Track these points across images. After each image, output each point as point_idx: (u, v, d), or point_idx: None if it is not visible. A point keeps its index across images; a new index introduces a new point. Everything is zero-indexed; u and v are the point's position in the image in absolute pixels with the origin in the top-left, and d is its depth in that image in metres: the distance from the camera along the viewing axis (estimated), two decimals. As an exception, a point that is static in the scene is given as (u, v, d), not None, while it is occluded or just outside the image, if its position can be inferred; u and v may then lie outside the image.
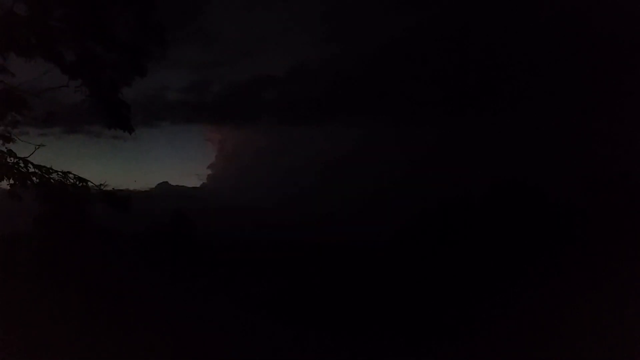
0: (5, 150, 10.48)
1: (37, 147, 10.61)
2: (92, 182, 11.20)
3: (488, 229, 23.45)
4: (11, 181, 10.43)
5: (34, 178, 10.61)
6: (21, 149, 10.64)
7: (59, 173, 10.92)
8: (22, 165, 10.55)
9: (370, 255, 27.19)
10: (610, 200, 19.62)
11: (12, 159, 10.49)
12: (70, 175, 11.03)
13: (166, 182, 41.80)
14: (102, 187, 11.35)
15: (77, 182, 11.07)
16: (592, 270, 15.10)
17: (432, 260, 23.23)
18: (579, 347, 11.48)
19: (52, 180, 10.77)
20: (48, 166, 10.82)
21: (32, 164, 10.64)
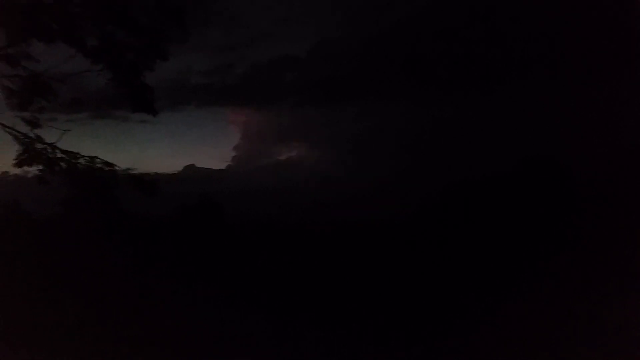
0: (33, 136, 10.68)
1: (63, 132, 10.78)
2: (119, 167, 11.31)
3: (507, 212, 23.01)
4: (40, 167, 10.66)
5: (62, 163, 10.78)
6: (49, 134, 10.84)
7: (86, 158, 11.05)
8: (50, 150, 10.73)
9: (399, 238, 26.99)
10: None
11: (40, 144, 10.70)
12: (97, 160, 11.14)
13: (193, 165, 42.32)
14: (129, 171, 11.48)
15: (104, 167, 11.19)
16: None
17: (452, 243, 22.92)
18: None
19: (79, 165, 10.90)
20: (75, 151, 10.99)
21: (59, 149, 10.80)
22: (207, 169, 43.78)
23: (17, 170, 10.93)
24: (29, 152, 10.55)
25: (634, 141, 21.35)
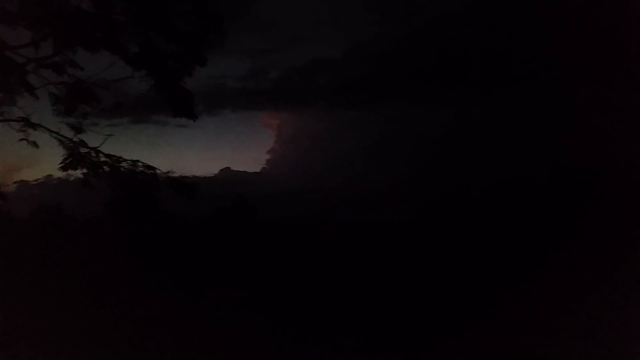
0: (77, 140, 11.04)
1: (106, 137, 11.11)
2: (159, 170, 11.57)
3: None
4: (84, 170, 11.02)
5: (105, 167, 11.11)
6: (92, 139, 11.19)
7: (128, 162, 11.36)
8: (93, 154, 11.07)
9: (431, 236, 26.83)
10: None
11: (84, 149, 11.05)
12: (139, 164, 11.43)
13: (228, 168, 43.06)
14: (169, 174, 11.72)
15: (146, 170, 11.46)
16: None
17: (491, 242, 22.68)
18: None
19: (122, 169, 11.21)
20: (118, 155, 11.30)
21: (102, 153, 11.13)
22: (242, 172, 44.40)
23: (60, 174, 11.33)
24: (74, 156, 10.92)
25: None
